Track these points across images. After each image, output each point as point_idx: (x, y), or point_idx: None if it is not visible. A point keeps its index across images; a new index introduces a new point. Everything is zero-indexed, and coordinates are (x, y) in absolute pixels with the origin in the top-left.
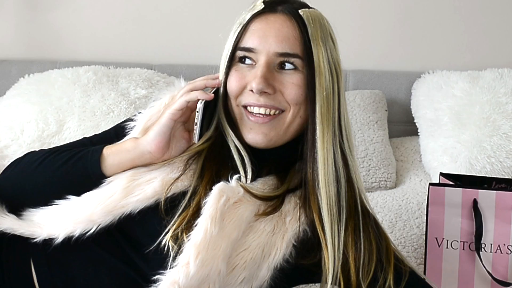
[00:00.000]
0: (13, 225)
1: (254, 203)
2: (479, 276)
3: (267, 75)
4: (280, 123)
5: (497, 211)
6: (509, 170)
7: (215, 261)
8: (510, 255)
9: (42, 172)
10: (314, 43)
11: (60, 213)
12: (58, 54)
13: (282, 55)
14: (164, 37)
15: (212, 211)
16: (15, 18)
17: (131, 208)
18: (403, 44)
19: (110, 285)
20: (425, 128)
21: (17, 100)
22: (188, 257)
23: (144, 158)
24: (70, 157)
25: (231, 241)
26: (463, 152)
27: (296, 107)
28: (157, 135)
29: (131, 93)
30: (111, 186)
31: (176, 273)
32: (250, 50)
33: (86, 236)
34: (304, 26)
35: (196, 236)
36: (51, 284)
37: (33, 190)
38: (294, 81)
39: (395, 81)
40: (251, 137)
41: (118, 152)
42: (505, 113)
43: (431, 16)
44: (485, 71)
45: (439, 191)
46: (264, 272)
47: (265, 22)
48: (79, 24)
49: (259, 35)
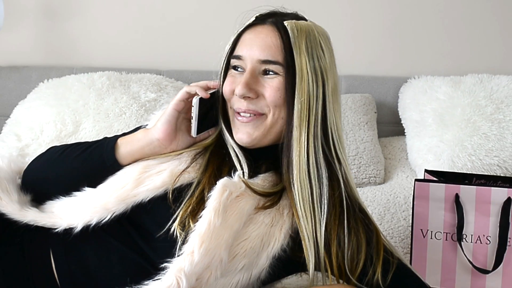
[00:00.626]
0: (35, 217)
1: (254, 197)
2: (460, 265)
3: (250, 81)
4: (263, 124)
5: (477, 205)
6: (488, 167)
7: (218, 250)
8: (489, 245)
9: (63, 160)
10: (297, 50)
11: (78, 204)
12: (74, 61)
13: (264, 62)
14: (172, 45)
15: (215, 204)
16: (35, 28)
17: (142, 197)
18: (391, 52)
19: (121, 272)
20: (411, 128)
21: (37, 103)
22: (193, 246)
23: (153, 146)
24: (88, 146)
25: (233, 231)
26: (446, 150)
27: (276, 109)
28: (163, 123)
29: (141, 96)
30: (123, 178)
31: (182, 261)
32: (239, 58)
33: (101, 223)
34: (287, 35)
35: (200, 227)
36: (68, 271)
37: (55, 177)
38: (274, 84)
39: (383, 85)
40: (238, 136)
41: (130, 141)
42: (484, 115)
43: (416, 26)
44: (466, 76)
45: (424, 186)
46: (263, 261)
47: (253, 33)
48: (94, 33)
49: (246, 44)
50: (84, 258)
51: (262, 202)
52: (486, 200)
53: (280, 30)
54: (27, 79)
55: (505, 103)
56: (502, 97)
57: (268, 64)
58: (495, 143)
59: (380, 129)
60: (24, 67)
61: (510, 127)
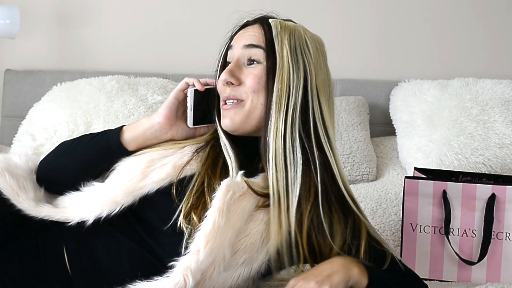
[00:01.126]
0: (50, 213)
1: (255, 196)
2: (448, 256)
3: (234, 68)
4: (243, 110)
5: (463, 200)
6: (473, 165)
7: (221, 248)
8: (475, 238)
9: (73, 149)
10: (278, 43)
11: (88, 198)
12: (86, 65)
13: (247, 46)
14: (177, 50)
15: (220, 205)
16: (49, 35)
17: (148, 189)
18: (382, 57)
19: (130, 266)
20: (402, 129)
21: (50, 105)
22: (199, 245)
23: (154, 129)
24: (95, 135)
25: (236, 230)
26: (434, 149)
27: (254, 95)
28: (164, 108)
29: (148, 99)
30: (130, 172)
31: (188, 260)
32: (230, 48)
33: (111, 217)
34: (270, 29)
35: (205, 227)
36: (80, 264)
37: (65, 164)
38: (255, 72)
39: (375, 88)
40: (222, 123)
41: (133, 126)
42: (470, 116)
43: (406, 33)
44: (453, 80)
45: (413, 183)
46: (263, 255)
47: (243, 30)
48: (104, 39)
49: (236, 38)
50: (94, 252)
51: (262, 201)
52: (472, 196)
53: (265, 25)
54: (41, 83)
55: (489, 105)
56: (487, 99)
57: (250, 48)
58: (480, 143)
59: (372, 129)
60: (38, 71)
61: (494, 128)
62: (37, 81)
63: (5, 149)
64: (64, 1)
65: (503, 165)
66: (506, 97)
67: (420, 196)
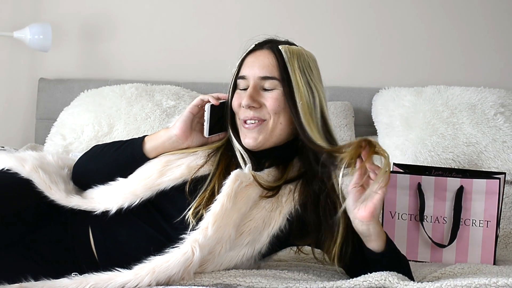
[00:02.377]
0: (78, 203)
1: (260, 187)
2: (422, 240)
3: (254, 94)
4: (265, 129)
5: (435, 192)
6: (444, 161)
7: (227, 227)
8: (445, 224)
9: (103, 156)
10: (291, 68)
11: (112, 191)
12: (109, 75)
13: (263, 78)
14: (187, 62)
15: (228, 190)
16: (77, 48)
17: (164, 185)
18: (365, 67)
19: (147, 248)
20: (382, 130)
21: (78, 109)
22: (207, 223)
23: (172, 141)
24: (121, 144)
25: (241, 213)
26: (410, 147)
27: (276, 116)
28: (180, 122)
29: (163, 103)
30: (149, 170)
31: (197, 234)
32: (244, 78)
33: (131, 207)
34: (281, 56)
35: (214, 208)
36: (104, 247)
37: (97, 168)
38: (273, 96)
39: (359, 95)
40: (245, 141)
41: (154, 137)
42: (441, 119)
43: (386, 46)
44: (427, 87)
45: (392, 176)
46: (265, 238)
47: (254, 56)
48: (125, 52)
49: (248, 66)
50: (117, 236)
51: (265, 192)
52: (443, 188)
53: (275, 52)
54: (70, 90)
55: (458, 109)
56: (456, 104)
57: (266, 80)
58: (450, 141)
59: (357, 130)
60: (68, 79)
61: (462, 129)
62: (67, 88)
63: (39, 147)
64: (90, 20)
65: (470, 161)
66: (473, 102)
67: (398, 188)
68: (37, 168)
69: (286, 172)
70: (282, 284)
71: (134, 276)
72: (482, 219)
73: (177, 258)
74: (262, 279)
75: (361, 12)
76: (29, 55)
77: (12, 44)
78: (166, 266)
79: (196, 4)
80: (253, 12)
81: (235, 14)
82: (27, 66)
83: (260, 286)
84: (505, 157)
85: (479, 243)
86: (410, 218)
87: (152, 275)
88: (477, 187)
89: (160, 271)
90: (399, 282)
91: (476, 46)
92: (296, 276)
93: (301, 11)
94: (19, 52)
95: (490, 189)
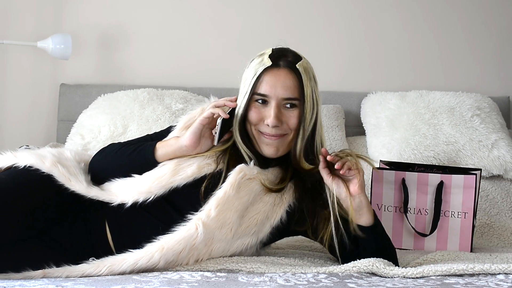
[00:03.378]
0: (97, 194)
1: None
2: (406, 230)
3: (278, 114)
4: (286, 141)
5: (418, 186)
6: (426, 158)
7: (228, 212)
8: (427, 215)
9: (117, 158)
10: (306, 88)
11: (129, 186)
12: (123, 80)
13: (286, 99)
14: (194, 68)
15: (232, 180)
16: (95, 57)
17: (177, 183)
18: (355, 74)
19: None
20: (370, 130)
21: (96, 112)
22: (211, 206)
23: (182, 150)
24: (135, 148)
25: (242, 202)
26: (395, 146)
27: (295, 131)
28: (190, 134)
29: (172, 107)
30: (163, 169)
31: (201, 214)
32: (265, 96)
33: (146, 203)
34: (299, 76)
35: (218, 194)
36: (120, 236)
37: (112, 169)
38: (294, 115)
39: (349, 98)
40: (266, 151)
41: (165, 145)
42: (423, 120)
43: (373, 55)
44: (410, 92)
45: (379, 172)
46: (267, 228)
47: (273, 75)
48: (137, 60)
49: (270, 85)
50: (132, 228)
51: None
52: (425, 182)
53: (294, 72)
54: (88, 94)
55: (438, 111)
56: (436, 107)
57: (289, 100)
58: (431, 141)
59: (347, 130)
60: (86, 85)
61: (442, 129)
62: (85, 93)
63: (60, 146)
64: (106, 31)
65: (449, 158)
66: (451, 105)
67: (384, 182)
68: (56, 164)
69: (289, 171)
70: (280, 269)
71: (145, 253)
72: (460, 211)
73: (182, 233)
74: (261, 264)
75: (351, 24)
76: (51, 63)
77: (36, 53)
78: (173, 242)
79: (202, 17)
80: (253, 24)
81: (236, 26)
82: (49, 73)
83: (260, 271)
84: (481, 155)
85: (457, 233)
86: (395, 210)
87: (162, 251)
88: (456, 182)
89: (168, 248)
90: (385, 268)
91: (455, 54)
92: (292, 262)
93: (296, 23)
94: (42, 60)
95: (468, 184)
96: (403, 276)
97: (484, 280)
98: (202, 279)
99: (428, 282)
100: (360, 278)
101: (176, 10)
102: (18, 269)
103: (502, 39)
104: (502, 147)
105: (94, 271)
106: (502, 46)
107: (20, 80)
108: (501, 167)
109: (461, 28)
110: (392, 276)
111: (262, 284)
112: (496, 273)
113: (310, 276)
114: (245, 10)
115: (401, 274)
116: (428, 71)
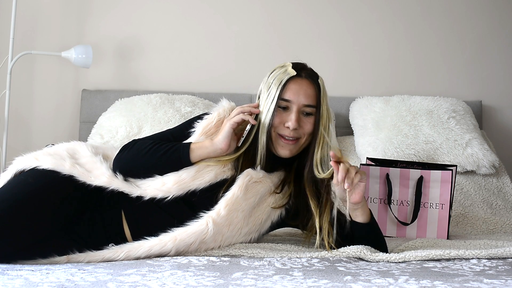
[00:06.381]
0: (119, 185)
1: (268, 185)
2: (389, 219)
3: (298, 118)
4: (298, 145)
5: (400, 180)
6: (407, 156)
7: (236, 212)
8: (408, 207)
9: (149, 158)
10: (323, 100)
11: (150, 182)
12: (138, 86)
13: (307, 106)
14: (202, 76)
15: (240, 183)
16: (113, 65)
17: (195, 187)
18: (344, 81)
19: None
20: (358, 131)
21: (113, 114)
22: (220, 206)
23: (216, 152)
24: (168, 149)
25: (249, 203)
26: (380, 145)
27: (309, 136)
28: (224, 137)
29: (181, 110)
30: (184, 173)
31: (212, 213)
32: (288, 101)
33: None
34: (319, 87)
35: (227, 195)
36: (136, 227)
37: (142, 169)
38: (311, 121)
39: (339, 102)
40: (282, 151)
41: (200, 147)
42: (405, 122)
43: (361, 64)
44: (393, 96)
45: (366, 168)
46: (268, 224)
47: (297, 83)
48: (151, 68)
49: (294, 92)
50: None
51: (273, 189)
52: (406, 177)
53: (315, 84)
54: (107, 98)
55: (418, 114)
56: (417, 110)
57: (309, 107)
58: (412, 140)
59: (337, 131)
60: (105, 90)
61: (422, 130)
62: (104, 97)
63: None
64: (123, 42)
65: (428, 156)
66: (430, 108)
67: (370, 177)
68: (74, 165)
69: (291, 174)
70: (277, 254)
71: (159, 241)
72: (438, 203)
73: (194, 228)
74: (261, 250)
75: (341, 37)
76: (74, 70)
77: (60, 62)
78: (185, 235)
79: (207, 31)
80: (251, 37)
81: (237, 39)
82: (72, 79)
83: (260, 256)
84: (456, 153)
85: (435, 222)
86: (380, 202)
87: (174, 242)
88: (434, 177)
89: (181, 239)
90: (371, 254)
91: (433, 63)
92: (288, 248)
93: (291, 37)
94: (66, 69)
95: (445, 178)
96: (387, 260)
97: (459, 264)
98: (208, 263)
99: (409, 266)
100: (349, 262)
101: (185, 25)
102: (45, 256)
103: (474, 49)
104: (475, 146)
105: (113, 256)
106: (475, 56)
107: (46, 86)
108: (474, 164)
109: (437, 40)
110: (377, 261)
111: (261, 267)
112: (470, 258)
113: (304, 260)
114: (245, 27)
115: (385, 259)
116: (410, 78)
